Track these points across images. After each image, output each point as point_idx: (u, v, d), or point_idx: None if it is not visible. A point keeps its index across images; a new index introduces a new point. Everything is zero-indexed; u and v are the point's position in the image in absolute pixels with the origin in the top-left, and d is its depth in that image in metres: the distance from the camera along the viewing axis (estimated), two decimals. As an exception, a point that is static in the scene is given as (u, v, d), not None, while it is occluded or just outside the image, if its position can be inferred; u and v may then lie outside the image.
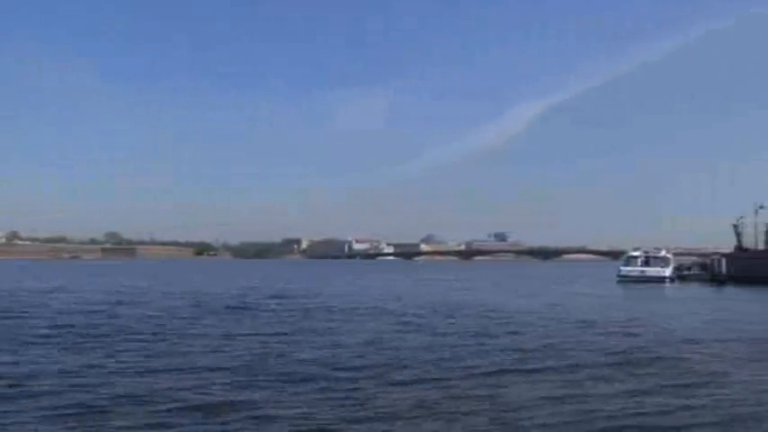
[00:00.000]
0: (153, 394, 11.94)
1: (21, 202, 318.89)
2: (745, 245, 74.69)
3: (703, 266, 68.59)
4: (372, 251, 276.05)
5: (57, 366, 14.69)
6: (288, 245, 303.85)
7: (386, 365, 15.18)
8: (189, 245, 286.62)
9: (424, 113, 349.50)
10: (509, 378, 13.94)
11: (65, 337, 19.63)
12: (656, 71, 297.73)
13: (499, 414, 10.91)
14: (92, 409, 10.89)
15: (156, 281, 60.44)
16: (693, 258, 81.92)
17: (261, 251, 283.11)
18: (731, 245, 77.77)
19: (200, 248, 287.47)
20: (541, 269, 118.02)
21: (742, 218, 75.13)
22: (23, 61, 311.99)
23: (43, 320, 24.58)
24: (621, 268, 64.60)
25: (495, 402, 11.68)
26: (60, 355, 16.48)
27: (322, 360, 15.85)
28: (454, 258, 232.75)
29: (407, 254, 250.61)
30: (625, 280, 60.16)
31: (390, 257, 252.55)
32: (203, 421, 10.27)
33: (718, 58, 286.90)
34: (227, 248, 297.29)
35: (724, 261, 62.73)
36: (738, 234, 75.99)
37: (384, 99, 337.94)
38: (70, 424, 10.08)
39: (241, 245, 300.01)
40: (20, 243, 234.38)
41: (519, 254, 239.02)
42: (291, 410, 10.95)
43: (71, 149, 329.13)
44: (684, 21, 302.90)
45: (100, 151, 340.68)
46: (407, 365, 15.24)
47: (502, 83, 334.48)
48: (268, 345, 18.45)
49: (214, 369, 14.49)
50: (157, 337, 20.04)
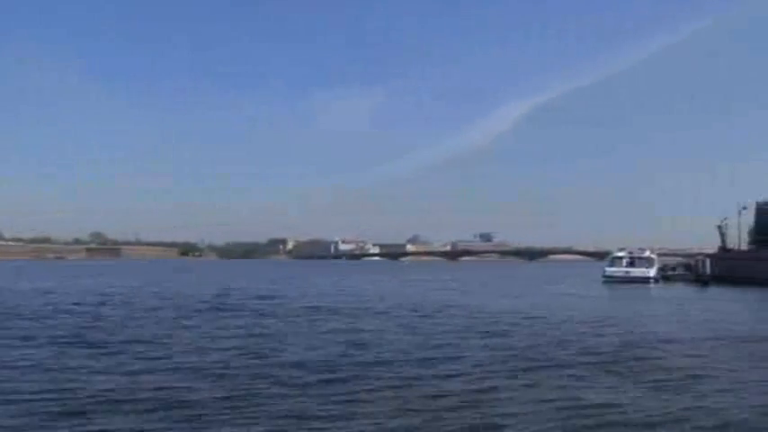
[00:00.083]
0: (133, 393, 11.84)
1: (7, 202, 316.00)
2: (729, 245, 75.25)
3: (688, 267, 68.97)
4: (358, 252, 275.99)
5: (34, 367, 14.50)
6: (274, 245, 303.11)
7: (367, 365, 15.08)
8: (174, 245, 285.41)
9: (410, 114, 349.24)
10: (492, 378, 13.86)
11: (45, 338, 19.40)
12: (646, 71, 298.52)
13: (480, 413, 10.86)
14: (69, 409, 10.76)
15: (142, 281, 59.97)
16: (678, 259, 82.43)
17: (246, 251, 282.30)
18: (716, 245, 78.34)
19: (186, 249, 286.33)
20: (527, 270, 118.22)
21: (726, 219, 75.75)
22: (23, 61, 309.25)
23: (24, 321, 24.31)
24: (606, 269, 64.79)
25: (477, 402, 11.62)
26: (39, 355, 16.25)
27: (303, 361, 15.71)
28: (440, 259, 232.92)
29: (393, 254, 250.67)
30: (610, 280, 60.33)
31: (376, 258, 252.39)
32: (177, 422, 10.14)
33: (710, 58, 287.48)
34: (212, 249, 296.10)
35: (708, 261, 63.05)
36: (722, 235, 76.58)
37: (370, 100, 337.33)
38: (48, 424, 9.97)
39: (227, 245, 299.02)
40: (3, 243, 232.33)
41: (504, 254, 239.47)
42: (271, 410, 10.83)
43: (71, 149, 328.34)
44: (675, 19, 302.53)
45: (100, 151, 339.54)
46: (389, 365, 15.15)
47: (489, 83, 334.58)
48: (246, 346, 18.28)
49: (188, 370, 14.35)
50: (138, 337, 19.81)
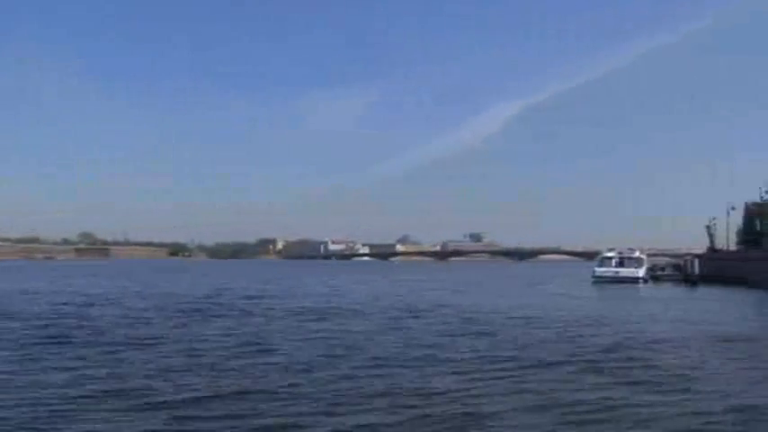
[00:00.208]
0: (120, 393, 11.77)
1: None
2: (718, 246, 75.67)
3: (677, 267, 69.29)
4: (348, 252, 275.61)
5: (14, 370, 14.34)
6: (263, 245, 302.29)
7: (358, 366, 14.99)
8: (163, 245, 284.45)
9: (400, 115, 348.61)
10: (481, 377, 13.85)
11: (31, 339, 19.22)
12: (640, 71, 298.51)
13: (467, 412, 10.85)
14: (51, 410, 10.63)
15: (131, 282, 59.67)
16: (667, 259, 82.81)
17: (236, 251, 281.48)
18: (705, 245, 78.78)
19: (175, 249, 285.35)
20: (517, 270, 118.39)
21: (714, 219, 76.17)
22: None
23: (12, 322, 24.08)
24: (596, 269, 64.85)
25: (465, 401, 11.60)
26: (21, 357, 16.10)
27: (291, 361, 15.61)
28: (429, 259, 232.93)
29: (383, 254, 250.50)
30: (599, 281, 60.40)
31: (366, 258, 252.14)
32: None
33: (707, 57, 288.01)
34: (201, 249, 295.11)
35: (697, 262, 63.29)
36: (711, 235, 77.05)
37: (360, 100, 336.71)
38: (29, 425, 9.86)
39: (216, 245, 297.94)
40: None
41: (494, 254, 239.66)
42: (259, 410, 10.72)
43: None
44: (673, 18, 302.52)
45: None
46: (378, 365, 15.09)
47: (480, 83, 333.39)
48: (234, 347, 18.19)
49: (177, 370, 14.20)
50: (124, 338, 19.65)
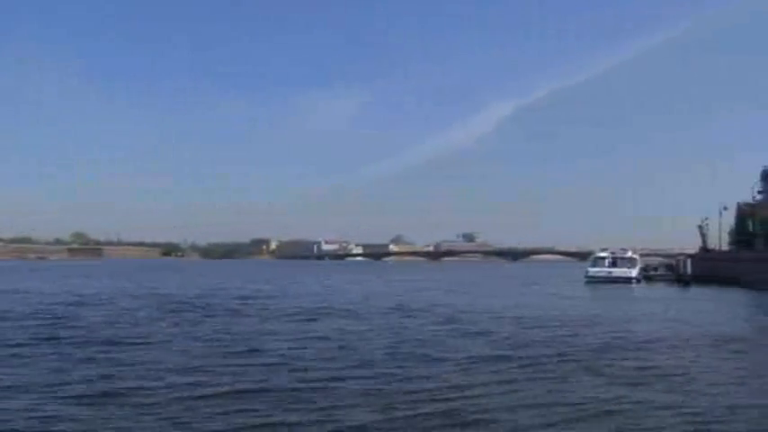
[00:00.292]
0: (108, 393, 11.69)
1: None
2: (710, 246, 75.84)
3: (669, 267, 69.43)
4: (341, 252, 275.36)
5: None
6: (257, 245, 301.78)
7: (351, 366, 14.98)
8: (156, 245, 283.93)
9: (394, 114, 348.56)
10: (474, 376, 13.85)
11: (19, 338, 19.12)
12: (633, 71, 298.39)
13: (461, 410, 10.87)
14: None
15: (122, 281, 59.52)
16: (660, 259, 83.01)
17: (229, 251, 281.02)
18: (697, 246, 78.91)
19: (168, 249, 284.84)
20: (510, 270, 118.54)
21: (707, 219, 76.34)
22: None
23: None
24: (589, 269, 64.95)
25: (458, 400, 11.61)
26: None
27: (285, 362, 15.58)
28: (422, 259, 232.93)
29: (376, 254, 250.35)
30: (593, 281, 60.44)
31: (359, 258, 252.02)
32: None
33: (700, 59, 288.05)
34: (194, 249, 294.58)
35: (689, 262, 63.44)
36: (703, 235, 77.20)
37: (353, 100, 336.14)
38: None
39: (209, 245, 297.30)
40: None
41: (487, 254, 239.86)
42: (248, 411, 10.69)
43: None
44: (666, 18, 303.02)
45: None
46: (371, 365, 15.07)
47: (474, 82, 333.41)
48: (226, 347, 18.13)
49: (165, 371, 14.17)
50: (116, 338, 19.58)
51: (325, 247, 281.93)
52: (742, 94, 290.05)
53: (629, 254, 66.17)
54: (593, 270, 63.85)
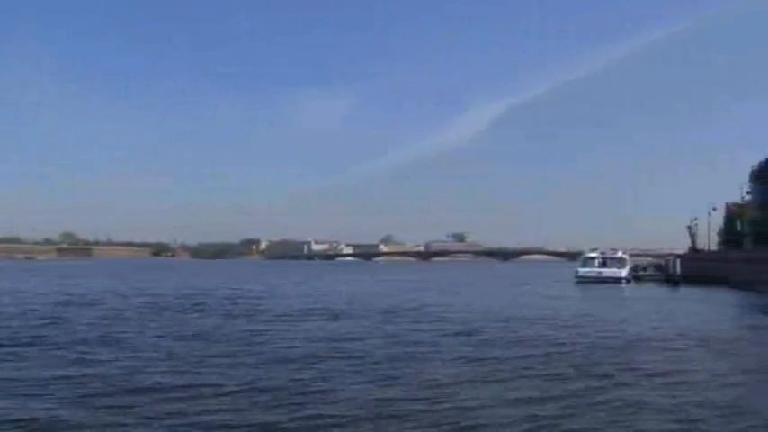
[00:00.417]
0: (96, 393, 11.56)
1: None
2: (699, 246, 76.16)
3: (659, 267, 69.58)
4: (331, 252, 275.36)
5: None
6: (246, 245, 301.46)
7: (337, 367, 14.90)
8: (146, 245, 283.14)
9: (385, 114, 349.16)
10: (464, 375, 13.85)
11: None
12: (627, 71, 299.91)
13: (451, 414, 10.74)
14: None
15: (117, 281, 59.28)
16: (649, 259, 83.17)
17: (219, 252, 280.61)
18: (686, 246, 79.24)
19: (158, 249, 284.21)
20: (500, 270, 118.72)
21: (696, 219, 76.67)
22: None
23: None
24: (579, 269, 65.00)
25: (448, 404, 11.49)
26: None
27: (275, 361, 15.51)
28: (412, 259, 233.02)
29: (366, 255, 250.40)
30: (582, 281, 60.51)
31: (349, 258, 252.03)
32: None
33: (690, 58, 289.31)
34: (184, 249, 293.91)
35: (678, 262, 63.62)
36: (692, 235, 77.55)
37: (344, 100, 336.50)
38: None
39: (199, 245, 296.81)
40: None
41: (477, 254, 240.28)
42: (237, 412, 10.60)
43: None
44: (658, 17, 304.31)
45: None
46: (363, 365, 14.99)
47: (465, 82, 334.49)
48: (217, 348, 18.05)
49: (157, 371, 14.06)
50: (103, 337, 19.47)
51: (315, 248, 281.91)
52: (735, 93, 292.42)
53: (618, 254, 66.24)
54: (583, 270, 63.91)
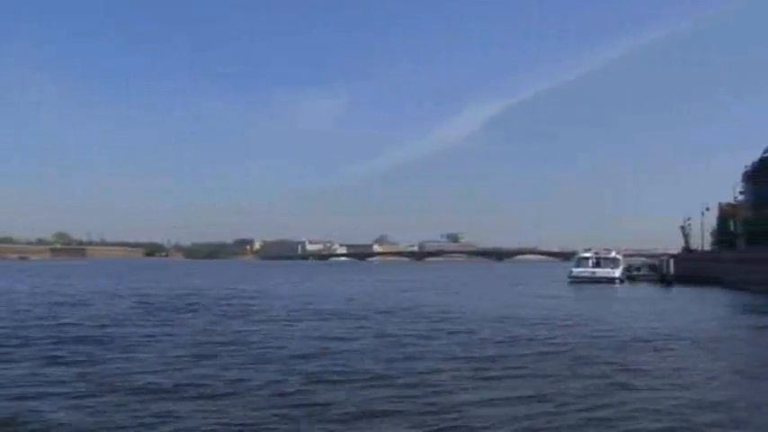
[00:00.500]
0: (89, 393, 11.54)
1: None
2: (693, 246, 76.36)
3: (652, 267, 69.72)
4: (326, 252, 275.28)
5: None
6: (240, 245, 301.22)
7: (329, 366, 14.88)
8: (139, 245, 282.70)
9: (382, 113, 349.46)
10: (456, 374, 13.84)
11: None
12: (623, 70, 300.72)
13: (443, 413, 10.76)
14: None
15: (106, 282, 59.13)
16: (643, 259, 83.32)
17: (213, 252, 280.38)
18: (680, 246, 79.43)
19: (151, 249, 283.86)
20: (494, 270, 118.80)
21: (689, 219, 76.87)
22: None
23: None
24: (572, 269, 65.05)
25: (442, 404, 11.47)
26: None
27: (268, 360, 15.50)
28: (407, 259, 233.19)
29: (361, 255, 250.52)
30: (576, 281, 60.60)
31: (343, 258, 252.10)
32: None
33: (686, 58, 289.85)
34: (178, 249, 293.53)
35: (672, 262, 63.78)
36: (686, 235, 77.75)
37: (338, 100, 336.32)
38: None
39: (193, 245, 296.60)
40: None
41: (471, 255, 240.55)
42: (227, 412, 10.60)
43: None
44: (656, 16, 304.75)
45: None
46: (358, 364, 14.97)
47: (465, 82, 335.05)
48: (211, 347, 17.98)
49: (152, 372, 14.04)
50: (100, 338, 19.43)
51: (310, 248, 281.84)
52: (735, 93, 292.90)
53: (612, 254, 66.37)
54: (576, 270, 63.96)
